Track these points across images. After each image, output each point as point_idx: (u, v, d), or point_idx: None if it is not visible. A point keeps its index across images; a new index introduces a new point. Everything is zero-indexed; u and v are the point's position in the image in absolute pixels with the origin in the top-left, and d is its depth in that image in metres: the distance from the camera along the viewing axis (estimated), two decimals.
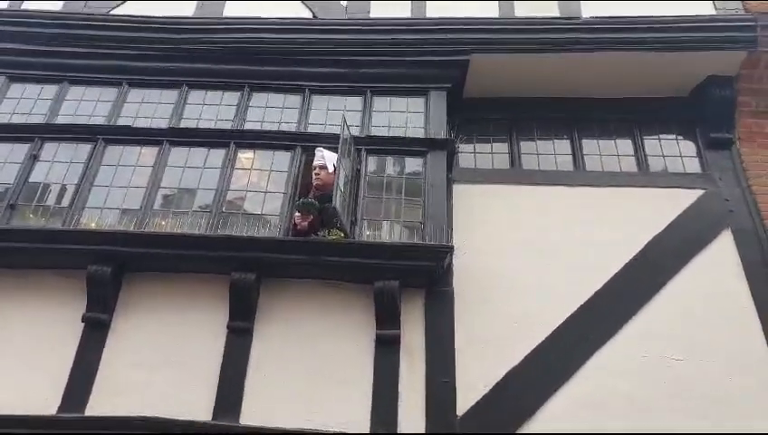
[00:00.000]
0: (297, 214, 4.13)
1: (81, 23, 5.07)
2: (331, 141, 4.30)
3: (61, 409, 3.73)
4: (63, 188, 4.43)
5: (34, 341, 3.97)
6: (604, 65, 4.68)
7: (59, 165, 4.53)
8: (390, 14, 4.98)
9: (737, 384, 3.72)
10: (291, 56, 4.88)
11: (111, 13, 5.25)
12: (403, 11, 5.04)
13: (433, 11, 5.01)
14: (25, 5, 5.41)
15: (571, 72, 4.76)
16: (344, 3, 5.14)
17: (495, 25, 4.78)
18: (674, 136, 4.85)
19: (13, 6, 5.39)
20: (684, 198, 4.42)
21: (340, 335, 3.93)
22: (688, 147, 4.79)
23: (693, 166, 4.68)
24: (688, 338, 3.86)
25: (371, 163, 4.49)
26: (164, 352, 3.91)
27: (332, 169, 4.17)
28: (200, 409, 3.71)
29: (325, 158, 4.28)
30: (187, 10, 5.21)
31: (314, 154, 4.39)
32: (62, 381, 3.81)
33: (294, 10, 5.14)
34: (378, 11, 5.05)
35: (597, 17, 4.71)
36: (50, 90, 4.95)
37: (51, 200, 4.40)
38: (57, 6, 5.34)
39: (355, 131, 4.50)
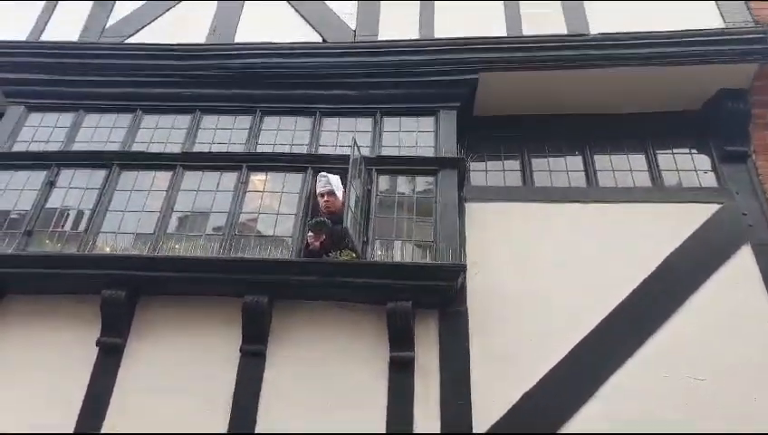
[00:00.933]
0: (310, 233, 4.14)
1: (96, 52, 5.20)
2: (341, 163, 4.30)
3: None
4: (79, 214, 4.49)
5: (49, 365, 3.99)
6: (614, 81, 4.67)
7: (75, 191, 4.60)
8: (398, 36, 5.02)
9: (764, 404, 3.60)
10: (302, 80, 4.95)
11: (126, 42, 5.37)
12: (411, 32, 5.08)
13: (441, 31, 5.04)
14: (44, 37, 5.55)
15: (580, 89, 4.75)
16: (353, 26, 5.20)
17: (503, 44, 4.79)
18: (687, 150, 4.81)
19: (32, 38, 5.54)
20: (700, 213, 4.35)
21: (353, 358, 3.90)
22: (703, 161, 4.73)
23: (708, 180, 4.62)
24: (710, 356, 3.77)
25: (382, 183, 4.49)
26: (178, 377, 3.91)
27: (341, 195, 4.19)
28: (214, 432, 3.69)
29: (331, 183, 4.28)
30: (200, 37, 5.31)
31: (318, 179, 4.38)
32: (76, 405, 3.82)
33: (304, 34, 5.21)
34: (386, 33, 5.10)
35: (605, 33, 4.71)
36: (66, 118, 5.05)
37: (67, 226, 4.45)
38: (74, 37, 5.47)
39: (366, 152, 4.52)
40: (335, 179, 4.30)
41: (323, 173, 4.37)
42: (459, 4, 5.20)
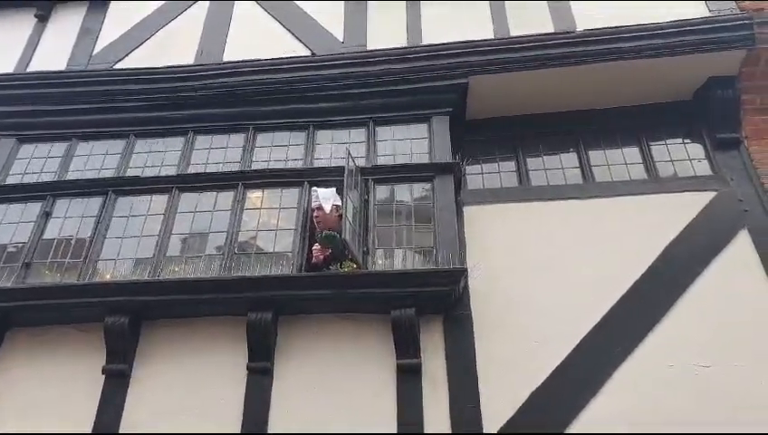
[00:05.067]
0: (316, 246, 4.14)
1: (85, 80, 5.20)
2: (337, 175, 4.32)
3: None
4: (77, 243, 4.47)
5: (56, 396, 3.98)
6: (603, 76, 4.69)
7: (71, 220, 4.59)
8: (386, 44, 5.04)
9: None
10: (293, 94, 4.94)
11: (114, 68, 5.37)
12: (399, 40, 5.10)
13: (428, 37, 5.05)
14: (31, 68, 5.56)
15: (571, 86, 4.77)
16: (341, 37, 5.21)
17: (491, 46, 4.79)
18: (681, 140, 4.82)
19: (19, 69, 5.55)
20: (697, 202, 4.35)
21: (360, 367, 3.89)
22: (696, 149, 4.74)
23: (703, 168, 4.62)
24: (714, 344, 3.77)
25: (379, 192, 4.48)
26: (186, 399, 3.90)
27: (329, 208, 4.20)
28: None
29: (320, 198, 4.27)
30: (188, 59, 5.31)
31: (311, 195, 4.39)
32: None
33: (293, 49, 5.21)
34: (374, 43, 5.11)
35: (592, 29, 4.72)
36: (59, 147, 5.06)
37: (65, 255, 4.43)
38: (61, 66, 5.49)
39: (361, 162, 4.52)
40: (326, 192, 4.30)
41: (314, 188, 4.38)
42: (446, 10, 5.22)
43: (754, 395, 3.58)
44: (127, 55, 5.46)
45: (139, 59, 5.40)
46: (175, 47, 5.42)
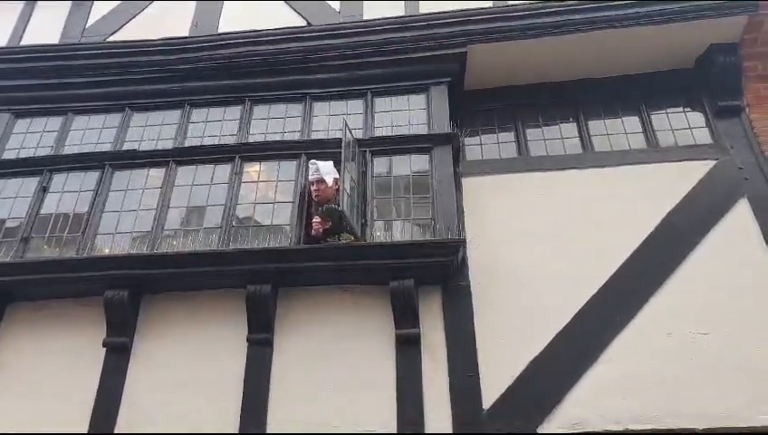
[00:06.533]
0: (317, 219, 4.13)
1: (79, 53, 5.13)
2: (334, 147, 4.29)
3: None
4: (75, 217, 4.47)
5: (58, 370, 4.01)
6: (603, 44, 4.62)
7: (69, 195, 4.59)
8: (383, 14, 4.96)
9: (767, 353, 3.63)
10: (289, 65, 4.88)
11: (108, 40, 5.31)
12: (396, 9, 5.02)
13: (426, 6, 4.97)
14: (24, 42, 5.49)
15: (570, 54, 4.71)
16: (337, 7, 5.14)
17: (490, 15, 4.71)
18: (681, 108, 4.77)
19: (11, 43, 5.48)
20: (696, 170, 4.33)
21: (360, 338, 3.90)
22: (697, 118, 4.70)
23: (703, 137, 4.59)
24: (712, 311, 3.78)
25: (377, 164, 4.46)
26: (187, 371, 3.92)
27: (331, 181, 4.18)
28: (227, 423, 3.71)
29: (320, 170, 4.24)
30: (182, 30, 5.24)
31: (309, 167, 4.35)
32: (88, 407, 3.85)
33: (288, 20, 5.15)
34: (371, 12, 5.04)
35: None
36: (55, 121, 5.03)
37: (63, 230, 4.43)
38: (54, 40, 5.42)
39: (359, 134, 4.50)
40: (325, 166, 4.26)
41: (313, 160, 4.34)
42: None
43: (753, 360, 3.60)
44: (120, 28, 5.40)
45: (132, 31, 5.32)
46: (169, 19, 5.34)
